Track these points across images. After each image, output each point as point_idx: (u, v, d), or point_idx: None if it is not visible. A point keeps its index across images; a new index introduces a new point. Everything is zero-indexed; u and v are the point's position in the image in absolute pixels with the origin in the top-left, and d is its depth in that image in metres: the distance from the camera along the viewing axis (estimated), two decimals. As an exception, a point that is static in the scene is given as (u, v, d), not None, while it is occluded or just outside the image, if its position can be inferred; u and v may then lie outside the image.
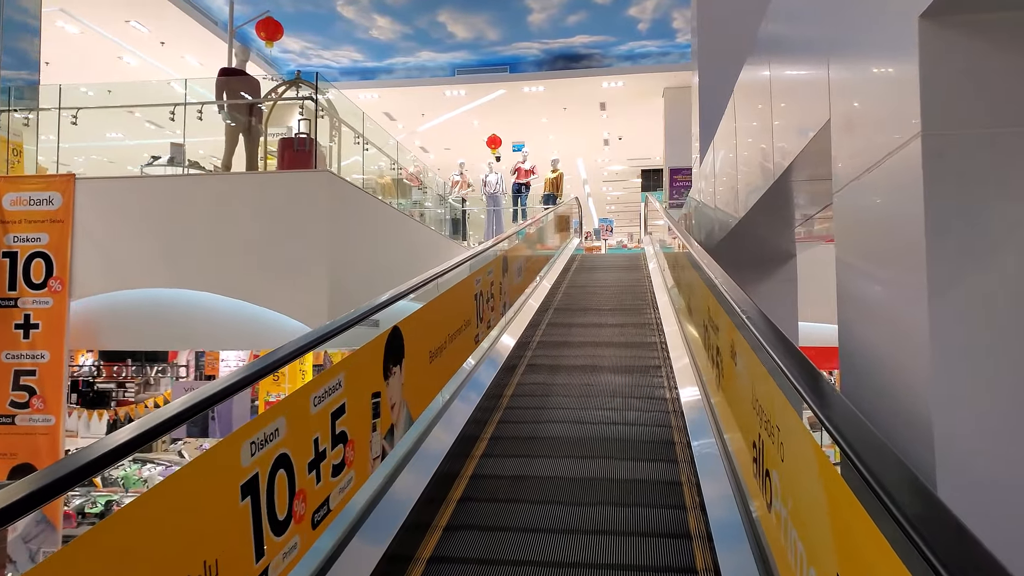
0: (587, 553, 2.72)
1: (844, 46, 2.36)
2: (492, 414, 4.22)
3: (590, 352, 5.66)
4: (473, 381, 4.33)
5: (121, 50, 13.42)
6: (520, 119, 16.82)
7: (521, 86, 14.82)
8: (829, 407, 1.70)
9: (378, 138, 11.23)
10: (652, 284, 8.28)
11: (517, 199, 14.96)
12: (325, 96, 9.55)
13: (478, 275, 4.52)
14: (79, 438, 10.87)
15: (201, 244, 7.35)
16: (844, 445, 1.45)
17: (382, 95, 15.60)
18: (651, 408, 4.32)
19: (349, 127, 9.56)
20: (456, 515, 3.02)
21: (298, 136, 8.66)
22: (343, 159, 10.53)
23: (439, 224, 14.12)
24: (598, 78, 14.33)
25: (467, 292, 4.18)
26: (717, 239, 6.02)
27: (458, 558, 2.72)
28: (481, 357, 4.81)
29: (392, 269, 8.83)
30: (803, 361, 2.04)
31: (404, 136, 18.27)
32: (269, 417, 1.92)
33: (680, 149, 14.57)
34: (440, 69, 15.03)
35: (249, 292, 7.33)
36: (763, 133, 3.83)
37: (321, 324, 2.67)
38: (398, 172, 11.07)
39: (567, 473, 3.40)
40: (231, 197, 7.59)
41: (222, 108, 8.74)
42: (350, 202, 8.12)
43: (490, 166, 15.03)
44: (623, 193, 25.71)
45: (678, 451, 3.63)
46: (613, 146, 19.43)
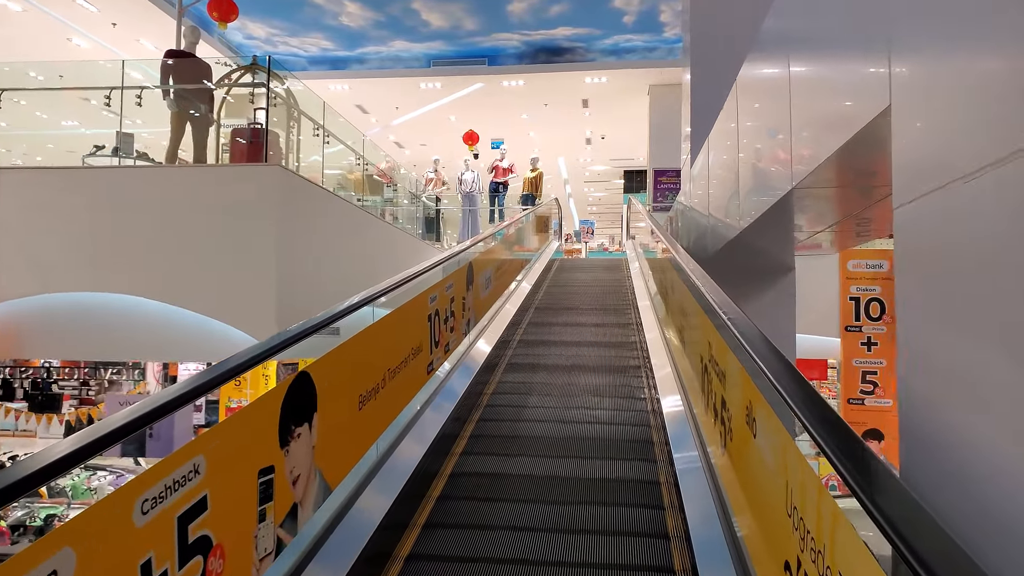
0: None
1: (917, 33, 1.69)
2: (445, 463, 3.51)
3: (566, 384, 4.99)
4: (421, 424, 3.59)
5: (70, 31, 12.48)
6: (499, 115, 16.10)
7: (500, 80, 14.10)
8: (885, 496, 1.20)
9: (344, 132, 10.46)
10: (642, 324, 7.51)
11: (494, 199, 14.25)
12: (284, 86, 8.77)
13: (434, 291, 3.81)
14: (37, 439, 10.44)
15: (138, 245, 6.58)
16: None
17: (353, 86, 14.80)
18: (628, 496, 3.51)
19: (309, 118, 8.77)
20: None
21: (251, 127, 7.90)
22: (308, 154, 9.75)
23: (412, 224, 13.37)
24: (581, 73, 13.65)
25: (417, 313, 3.47)
26: (711, 248, 5.35)
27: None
28: (437, 388, 4.10)
29: (354, 274, 8.08)
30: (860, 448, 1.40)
31: (378, 131, 17.47)
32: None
33: (665, 150, 13.95)
34: (415, 60, 14.26)
35: (189, 298, 6.58)
36: (776, 135, 3.16)
37: (268, 334, 2.47)
38: (364, 168, 10.29)
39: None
40: (173, 193, 6.81)
41: (167, 94, 7.93)
42: (306, 200, 7.36)
43: (466, 163, 14.32)
44: (605, 194, 25.09)
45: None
46: (595, 145, 18.79)
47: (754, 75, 3.80)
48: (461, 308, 4.51)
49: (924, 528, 1.14)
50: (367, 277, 6.41)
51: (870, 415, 12.03)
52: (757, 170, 3.66)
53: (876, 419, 12.02)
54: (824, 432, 1.53)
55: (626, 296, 8.00)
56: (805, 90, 2.71)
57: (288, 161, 8.75)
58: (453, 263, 4.54)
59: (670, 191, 13.12)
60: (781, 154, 3.06)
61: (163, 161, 7.70)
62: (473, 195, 14.01)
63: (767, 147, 3.44)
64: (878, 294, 12.03)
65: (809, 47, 2.68)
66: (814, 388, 1.84)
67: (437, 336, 3.82)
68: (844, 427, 1.56)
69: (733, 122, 4.41)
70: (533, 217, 11.10)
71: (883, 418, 12.03)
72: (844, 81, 2.26)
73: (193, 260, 6.53)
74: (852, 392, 11.95)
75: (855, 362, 12.13)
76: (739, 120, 4.16)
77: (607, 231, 27.68)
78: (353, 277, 8.00)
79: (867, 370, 12.08)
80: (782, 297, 6.07)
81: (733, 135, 4.37)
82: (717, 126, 5.24)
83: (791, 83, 2.87)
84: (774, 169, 3.22)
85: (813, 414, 1.64)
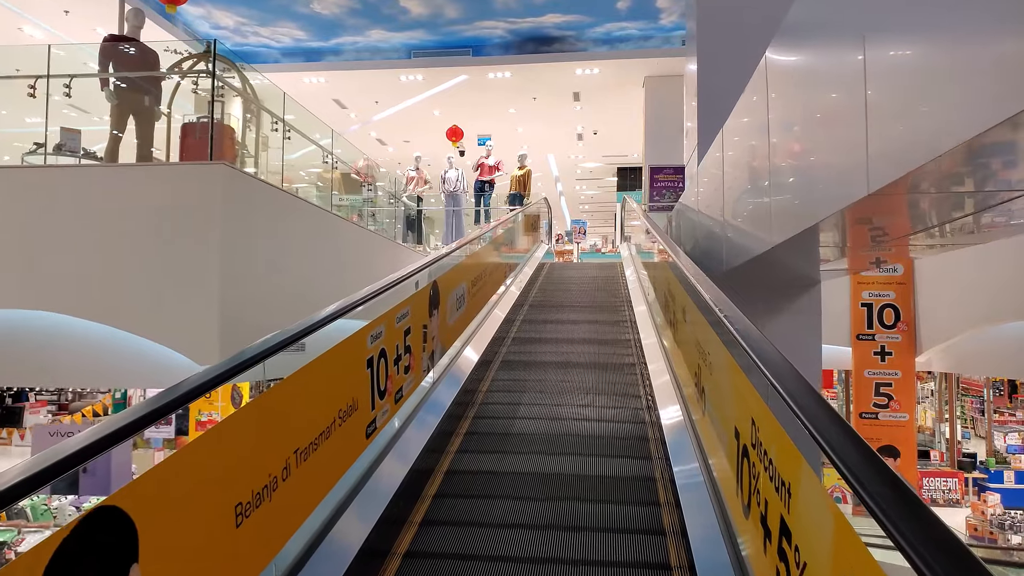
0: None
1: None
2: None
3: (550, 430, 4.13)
4: (342, 530, 2.65)
5: (20, 19, 11.54)
6: (485, 109, 15.22)
7: (486, 71, 13.22)
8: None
9: (312, 128, 9.58)
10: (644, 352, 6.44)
11: (480, 199, 13.38)
12: (244, 76, 7.89)
13: (378, 324, 2.95)
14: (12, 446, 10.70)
15: (67, 255, 5.72)
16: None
17: (330, 79, 13.89)
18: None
19: (268, 112, 7.89)
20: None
21: (200, 120, 7.04)
22: (274, 153, 8.87)
23: (391, 226, 12.50)
24: (571, 64, 12.79)
25: (348, 359, 2.62)
26: (728, 261, 4.51)
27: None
28: (378, 460, 3.19)
29: (319, 286, 7.21)
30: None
31: (358, 127, 16.58)
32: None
33: (662, 146, 13.13)
34: (394, 51, 13.36)
35: (124, 318, 5.72)
36: (840, 133, 2.33)
37: (211, 358, 2.88)
38: (334, 167, 9.41)
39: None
40: (108, 196, 5.94)
41: (105, 84, 7.04)
42: (259, 203, 6.50)
43: (450, 161, 13.44)
44: (598, 192, 24.26)
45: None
46: (587, 141, 17.93)
47: (795, 59, 2.97)
48: (420, 340, 3.66)
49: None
50: (336, 289, 5.54)
51: (884, 430, 11.27)
52: (800, 173, 2.83)
53: (891, 435, 11.27)
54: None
55: (623, 311, 7.16)
56: (901, 74, 1.87)
57: (244, 160, 7.88)
58: (407, 286, 3.68)
59: (668, 190, 12.30)
60: (845, 153, 2.22)
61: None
62: (457, 195, 13.15)
63: (818, 145, 2.61)
64: (892, 300, 11.28)
65: (908, 21, 1.84)
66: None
67: (383, 383, 2.96)
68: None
69: (757, 115, 3.58)
70: (520, 219, 10.25)
71: (899, 434, 11.27)
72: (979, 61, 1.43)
73: (129, 273, 5.68)
74: (864, 405, 11.20)
75: (868, 373, 11.39)
76: (769, 113, 3.33)
77: (600, 230, 26.84)
78: (318, 290, 7.14)
79: (881, 382, 11.34)
80: (807, 314, 5.25)
81: (759, 131, 3.53)
82: (733, 121, 4.40)
83: (869, 68, 2.03)
84: (830, 172, 2.39)
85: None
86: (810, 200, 2.65)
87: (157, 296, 5.61)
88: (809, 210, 2.64)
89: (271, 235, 6.54)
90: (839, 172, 2.29)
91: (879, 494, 1.13)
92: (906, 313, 11.36)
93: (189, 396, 1.79)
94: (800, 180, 2.81)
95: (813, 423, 1.45)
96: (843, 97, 2.27)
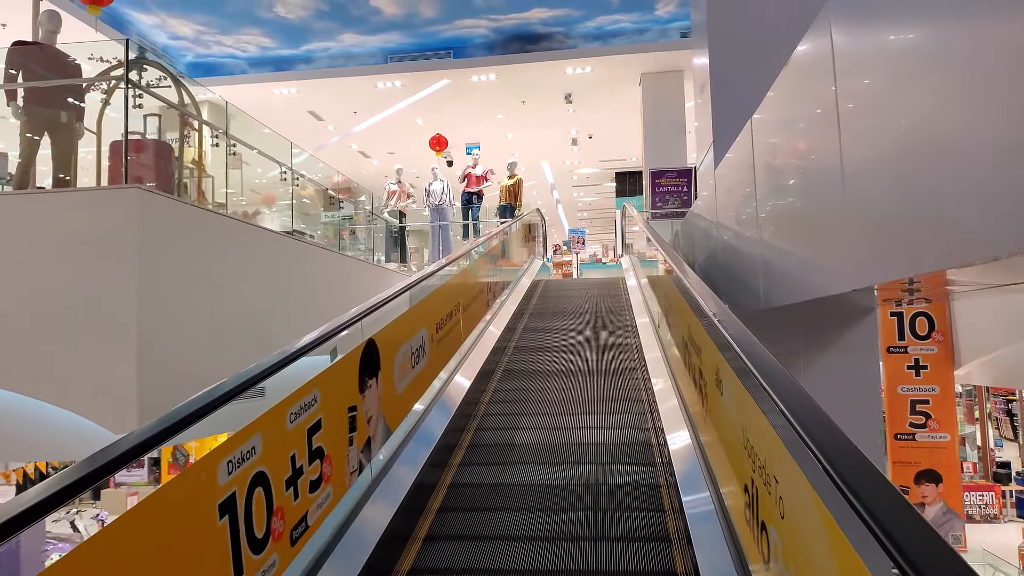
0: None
1: None
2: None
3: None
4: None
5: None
6: (471, 115, 14.20)
7: (468, 74, 12.19)
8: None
9: (269, 144, 8.54)
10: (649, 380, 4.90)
11: (467, 211, 12.34)
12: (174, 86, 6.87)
13: (243, 440, 1.89)
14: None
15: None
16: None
17: (302, 90, 12.88)
18: None
19: (208, 125, 6.84)
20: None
21: (125, 138, 6.04)
22: (227, 174, 7.84)
23: (372, 245, 11.45)
24: (561, 63, 11.75)
25: (179, 516, 1.56)
26: (768, 296, 3.42)
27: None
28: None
29: (274, 328, 6.15)
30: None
31: (337, 140, 15.58)
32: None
33: (663, 147, 12.10)
34: (370, 56, 12.35)
35: (23, 380, 4.70)
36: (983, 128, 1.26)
37: (128, 424, 2.53)
38: (294, 184, 8.36)
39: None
40: (12, 228, 4.91)
41: (12, 97, 6.04)
42: (193, 232, 5.46)
43: (434, 172, 12.42)
44: (596, 199, 23.20)
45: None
46: (582, 146, 16.88)
47: (889, 44, 1.92)
48: (345, 431, 2.59)
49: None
50: (299, 325, 4.45)
51: (923, 453, 10.06)
52: (915, 185, 1.77)
53: (931, 458, 10.05)
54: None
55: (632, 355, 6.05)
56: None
57: (183, 183, 6.85)
58: (342, 341, 2.62)
59: (671, 195, 11.23)
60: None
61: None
62: (443, 208, 12.12)
63: (934, 153, 1.55)
64: (925, 308, 10.14)
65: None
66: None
67: (261, 527, 1.89)
68: None
69: (814, 99, 2.52)
70: (511, 232, 9.19)
71: (940, 456, 10.06)
72: None
73: (27, 322, 4.65)
74: (900, 426, 9.98)
75: (901, 389, 10.15)
76: (839, 99, 2.26)
77: (599, 237, 25.78)
78: (271, 328, 6.08)
79: (917, 398, 10.15)
80: (860, 350, 4.16)
81: (820, 121, 2.47)
82: (763, 117, 3.34)
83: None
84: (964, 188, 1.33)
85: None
86: (945, 227, 1.59)
87: (64, 352, 4.57)
88: (950, 245, 1.58)
89: (209, 270, 5.49)
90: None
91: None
92: (941, 323, 10.25)
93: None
94: (917, 195, 1.75)
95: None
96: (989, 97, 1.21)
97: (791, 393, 1.69)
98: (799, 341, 4.01)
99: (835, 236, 2.32)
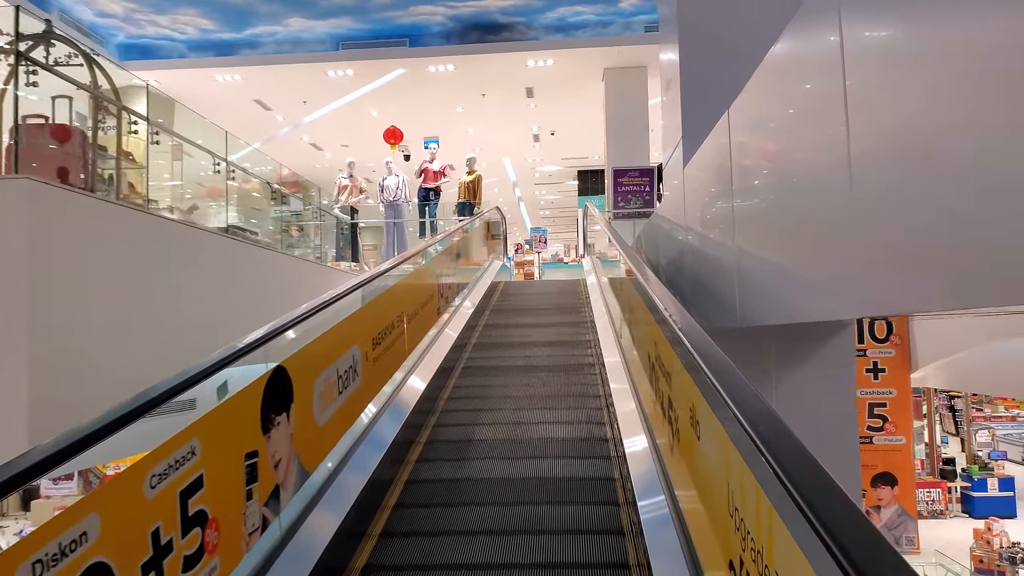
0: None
1: None
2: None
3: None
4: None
5: None
6: (429, 108, 13.61)
7: (425, 64, 11.61)
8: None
9: (206, 134, 7.86)
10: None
11: (424, 208, 11.77)
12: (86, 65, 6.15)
13: (100, 504, 1.35)
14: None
15: None
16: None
17: (247, 77, 12.12)
18: None
19: (129, 111, 6.15)
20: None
21: (25, 122, 5.37)
22: (161, 166, 7.14)
23: (319, 244, 10.79)
24: (521, 54, 11.25)
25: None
26: (746, 314, 2.98)
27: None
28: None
29: (198, 336, 5.51)
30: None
31: (288, 130, 14.83)
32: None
33: (625, 145, 11.71)
34: (319, 43, 11.65)
35: None
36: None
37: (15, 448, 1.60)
38: (230, 177, 7.69)
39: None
40: None
41: None
42: (103, 230, 4.82)
43: (388, 166, 11.81)
44: (559, 197, 22.78)
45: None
46: (545, 142, 16.42)
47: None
48: (241, 485, 2.05)
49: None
50: (229, 337, 3.85)
51: (880, 456, 9.80)
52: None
53: (888, 460, 9.80)
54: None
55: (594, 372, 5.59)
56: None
57: (96, 174, 6.15)
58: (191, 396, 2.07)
59: (633, 194, 10.86)
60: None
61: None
62: (399, 204, 11.51)
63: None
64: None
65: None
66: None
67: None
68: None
69: (806, 90, 2.07)
70: (467, 234, 8.67)
71: (896, 459, 9.82)
72: None
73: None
74: (858, 429, 9.84)
75: (860, 393, 9.94)
76: (845, 73, 1.81)
77: (562, 236, 25.39)
78: (192, 339, 5.45)
79: (875, 402, 9.96)
80: (834, 367, 3.77)
81: (816, 112, 2.02)
82: (747, 104, 2.90)
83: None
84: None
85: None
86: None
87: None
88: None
89: (125, 274, 4.85)
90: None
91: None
92: (899, 326, 10.11)
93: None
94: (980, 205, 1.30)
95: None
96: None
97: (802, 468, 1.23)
98: (771, 358, 3.61)
99: (841, 249, 1.87)
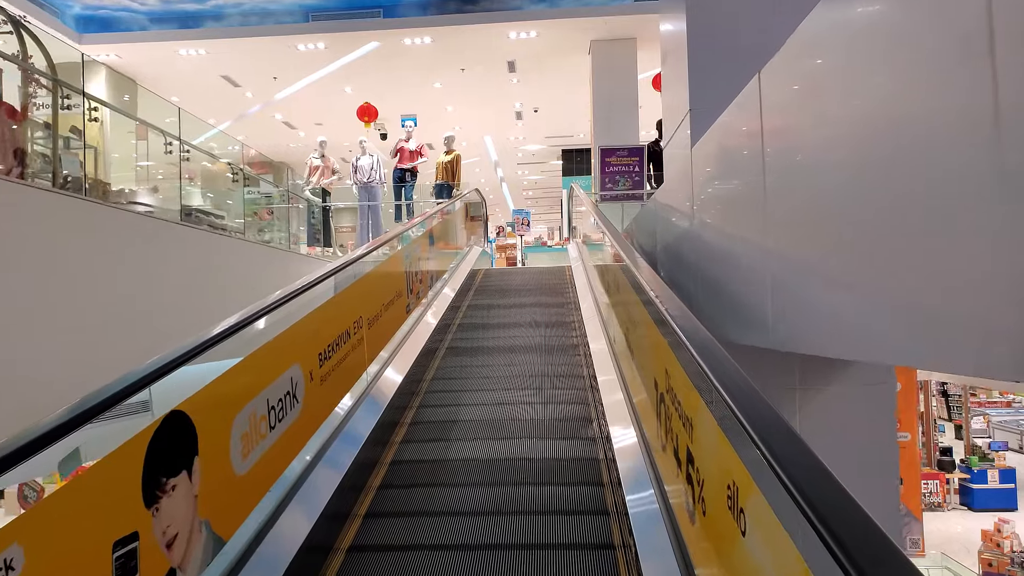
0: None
1: None
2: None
3: None
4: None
5: None
6: (406, 84, 12.93)
7: (401, 37, 10.93)
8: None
9: (160, 113, 7.19)
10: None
11: (400, 190, 11.17)
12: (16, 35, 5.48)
13: None
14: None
15: None
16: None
17: (212, 51, 11.36)
18: None
19: (68, 86, 5.47)
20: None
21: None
22: (111, 147, 6.51)
23: (288, 229, 10.17)
24: (503, 25, 10.61)
25: None
26: (777, 329, 2.48)
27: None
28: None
29: (143, 333, 4.93)
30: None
31: (258, 108, 14.09)
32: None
33: (613, 123, 11.14)
34: (288, 14, 10.92)
35: None
36: None
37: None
38: (184, 158, 7.03)
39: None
40: None
41: None
42: (24, 219, 4.21)
43: (363, 145, 11.18)
44: (542, 177, 22.16)
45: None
46: (528, 120, 15.79)
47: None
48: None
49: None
50: (179, 329, 3.30)
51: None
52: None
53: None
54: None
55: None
56: None
57: (34, 155, 5.51)
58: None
59: (622, 175, 10.32)
60: None
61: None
62: (373, 186, 10.91)
63: None
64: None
65: None
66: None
67: None
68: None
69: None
70: (437, 221, 8.10)
71: (901, 457, 9.55)
72: None
73: None
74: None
75: (861, 386, 9.70)
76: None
77: (545, 218, 24.81)
78: (145, 342, 4.86)
79: (877, 396, 9.65)
80: (874, 377, 3.29)
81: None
82: (791, 61, 2.37)
83: None
84: None
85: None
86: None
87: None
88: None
89: (55, 266, 4.26)
90: None
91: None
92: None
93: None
94: None
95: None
96: None
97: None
98: (795, 375, 3.14)
99: (978, 263, 1.36)
